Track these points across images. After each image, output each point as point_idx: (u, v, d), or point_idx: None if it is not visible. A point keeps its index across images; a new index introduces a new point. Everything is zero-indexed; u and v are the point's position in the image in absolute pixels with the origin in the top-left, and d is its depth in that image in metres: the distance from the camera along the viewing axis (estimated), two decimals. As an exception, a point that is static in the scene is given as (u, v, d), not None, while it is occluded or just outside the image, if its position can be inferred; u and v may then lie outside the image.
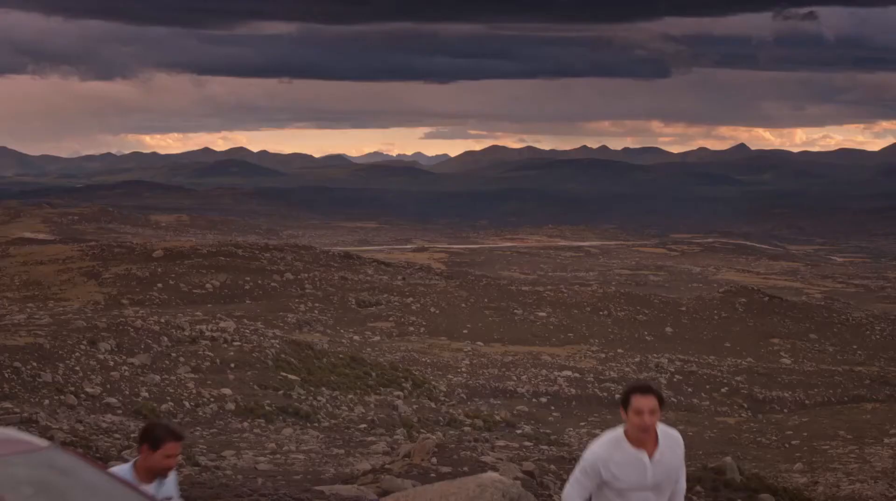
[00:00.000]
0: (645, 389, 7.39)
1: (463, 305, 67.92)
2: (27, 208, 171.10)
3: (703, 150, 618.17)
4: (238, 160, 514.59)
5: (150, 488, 7.63)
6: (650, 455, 7.41)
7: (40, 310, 58.04)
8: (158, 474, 7.76)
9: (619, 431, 7.42)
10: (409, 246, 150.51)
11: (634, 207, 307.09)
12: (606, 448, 7.42)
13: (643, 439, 7.40)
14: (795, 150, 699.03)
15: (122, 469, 7.79)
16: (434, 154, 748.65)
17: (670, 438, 7.52)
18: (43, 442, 7.38)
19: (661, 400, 7.44)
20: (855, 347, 67.40)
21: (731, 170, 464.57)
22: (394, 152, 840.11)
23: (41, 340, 42.33)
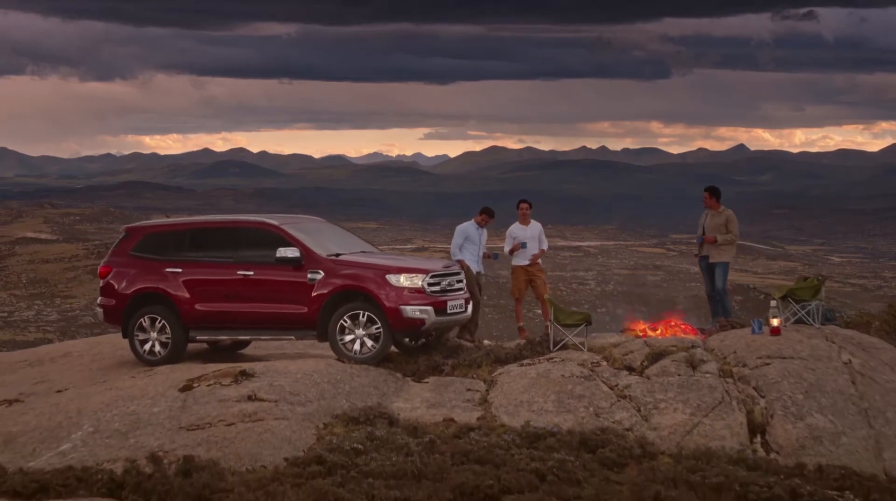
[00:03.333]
0: (522, 201, 20.41)
1: (463, 303, 68.68)
2: (28, 208, 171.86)
3: (702, 150, 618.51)
4: (238, 161, 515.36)
5: (482, 230, 19.78)
6: (527, 226, 20.20)
7: (48, 307, 58.94)
8: (481, 225, 19.79)
9: (517, 221, 20.16)
10: (409, 246, 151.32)
11: (634, 207, 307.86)
12: (513, 226, 20.14)
13: (524, 220, 20.19)
14: (795, 150, 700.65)
15: (469, 222, 19.81)
16: (434, 155, 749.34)
17: (535, 222, 20.30)
18: (313, 218, 18.58)
19: (529, 205, 20.23)
20: (849, 344, 68.25)
21: (731, 170, 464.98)
22: (393, 153, 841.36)
23: (50, 336, 43.15)
